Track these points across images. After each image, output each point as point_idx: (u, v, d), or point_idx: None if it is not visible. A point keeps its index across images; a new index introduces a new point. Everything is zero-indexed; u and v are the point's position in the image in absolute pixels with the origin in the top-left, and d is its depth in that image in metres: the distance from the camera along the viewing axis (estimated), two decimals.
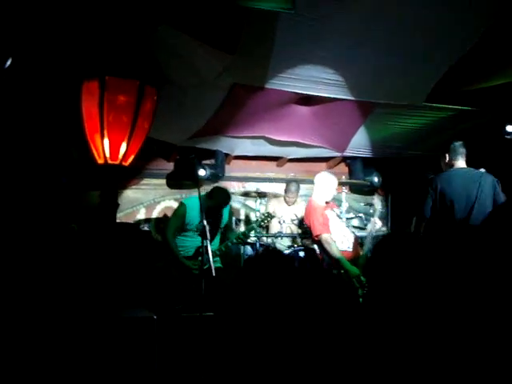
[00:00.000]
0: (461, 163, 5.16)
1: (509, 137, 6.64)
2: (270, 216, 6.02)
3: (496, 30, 4.79)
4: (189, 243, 5.69)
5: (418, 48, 5.14)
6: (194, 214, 5.57)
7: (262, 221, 5.99)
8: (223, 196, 5.77)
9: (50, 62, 4.43)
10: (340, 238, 5.70)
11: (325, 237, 5.55)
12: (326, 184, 5.85)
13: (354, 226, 7.37)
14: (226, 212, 5.90)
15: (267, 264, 6.53)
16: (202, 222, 5.39)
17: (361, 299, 5.19)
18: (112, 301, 4.76)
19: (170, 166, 7.94)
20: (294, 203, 7.58)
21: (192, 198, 5.73)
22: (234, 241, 5.78)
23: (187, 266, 5.54)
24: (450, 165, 5.21)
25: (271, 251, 6.98)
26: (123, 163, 4.51)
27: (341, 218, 6.37)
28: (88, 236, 5.70)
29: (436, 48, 5.14)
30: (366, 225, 6.62)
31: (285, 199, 7.60)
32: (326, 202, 5.89)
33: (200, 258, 5.35)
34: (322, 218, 5.65)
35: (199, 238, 5.27)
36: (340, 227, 5.81)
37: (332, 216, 5.79)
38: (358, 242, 6.01)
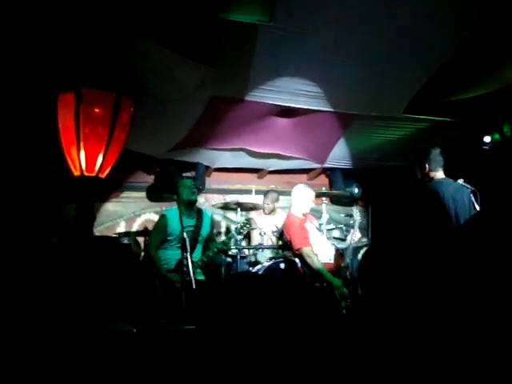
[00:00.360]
0: (441, 174, 5.15)
1: (487, 147, 6.70)
2: (249, 223, 5.99)
3: (472, 42, 4.84)
4: (170, 255, 5.65)
5: (396, 60, 5.18)
6: (174, 225, 5.54)
7: (241, 228, 5.95)
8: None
9: (26, 73, 4.40)
10: (321, 250, 5.71)
11: (306, 250, 5.56)
12: (302, 196, 5.88)
13: (335, 238, 7.39)
14: (206, 221, 5.88)
15: (248, 277, 6.53)
16: (182, 233, 5.41)
17: (344, 311, 5.18)
18: (91, 314, 4.71)
19: (150, 179, 7.90)
20: (271, 213, 7.57)
21: (173, 209, 5.73)
22: (215, 250, 5.74)
23: (169, 279, 5.48)
24: (430, 176, 5.16)
25: (252, 263, 6.97)
26: (100, 175, 4.48)
27: (321, 230, 6.38)
28: (67, 249, 5.65)
29: (414, 60, 5.18)
30: (346, 236, 6.64)
31: (266, 210, 7.59)
32: (304, 215, 5.89)
33: (182, 270, 5.35)
34: (301, 231, 5.65)
35: (180, 250, 5.36)
36: (320, 239, 5.82)
37: (311, 228, 5.80)
38: (339, 253, 6.02)
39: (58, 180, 6.13)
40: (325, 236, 6.11)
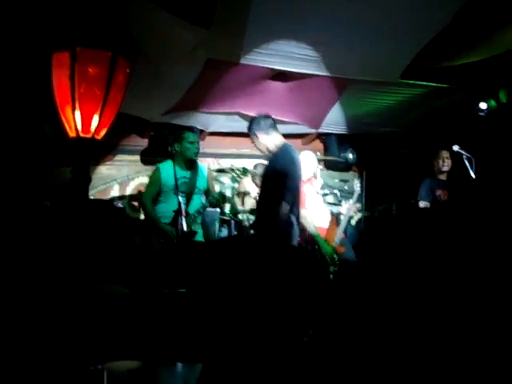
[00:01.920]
0: None
1: (482, 114, 6.70)
2: (245, 171, 5.89)
3: (469, 8, 4.80)
4: (164, 208, 5.53)
5: (393, 25, 5.14)
6: (168, 177, 5.47)
7: (238, 176, 5.87)
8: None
9: (20, 32, 4.34)
10: (317, 215, 5.72)
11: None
12: (304, 163, 5.86)
13: (329, 203, 7.39)
14: (202, 174, 5.75)
15: (242, 240, 6.56)
16: (178, 180, 5.30)
17: (331, 276, 5.23)
18: (86, 277, 4.74)
19: (144, 143, 7.85)
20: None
21: (167, 162, 5.63)
22: (213, 200, 5.60)
23: (166, 232, 5.37)
24: None
25: (246, 228, 7.01)
26: (96, 137, 4.44)
27: (318, 193, 6.40)
28: (61, 212, 5.65)
29: (411, 25, 5.14)
30: (340, 201, 6.66)
31: (254, 182, 7.58)
32: (308, 179, 5.90)
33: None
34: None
35: (175, 201, 5.20)
36: (317, 203, 5.83)
37: (310, 191, 5.80)
38: (334, 218, 6.05)
39: (53, 142, 6.09)
40: (322, 201, 6.11)
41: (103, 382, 3.51)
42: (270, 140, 4.93)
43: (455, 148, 5.84)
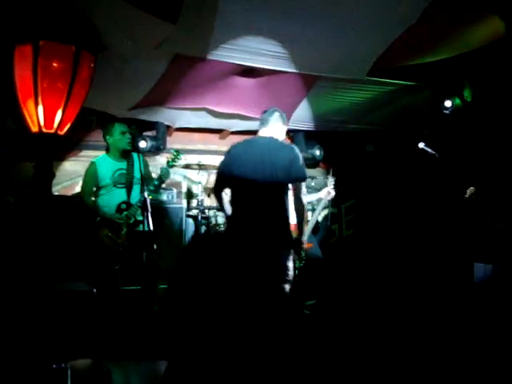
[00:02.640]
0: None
1: (447, 111, 6.79)
2: (179, 154, 5.77)
3: (435, 7, 4.85)
4: (106, 201, 5.41)
5: (360, 22, 5.17)
6: (105, 170, 5.40)
7: (173, 160, 5.74)
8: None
9: None
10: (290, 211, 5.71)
11: None
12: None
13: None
14: (137, 162, 5.46)
15: (209, 236, 6.55)
16: (115, 172, 5.32)
17: (297, 271, 5.23)
18: (50, 274, 4.67)
19: None
20: None
21: (101, 156, 5.58)
22: (152, 188, 5.41)
23: (114, 220, 5.28)
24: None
25: (213, 225, 7.00)
26: (59, 132, 4.36)
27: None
28: (24, 208, 5.56)
29: (378, 23, 5.17)
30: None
31: None
32: None
33: (124, 214, 5.28)
34: None
35: (116, 193, 5.28)
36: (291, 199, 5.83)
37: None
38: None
39: (16, 137, 5.98)
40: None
41: (67, 380, 3.47)
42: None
43: (420, 145, 5.89)
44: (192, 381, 3.38)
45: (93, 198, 5.47)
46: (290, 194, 5.86)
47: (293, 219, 5.72)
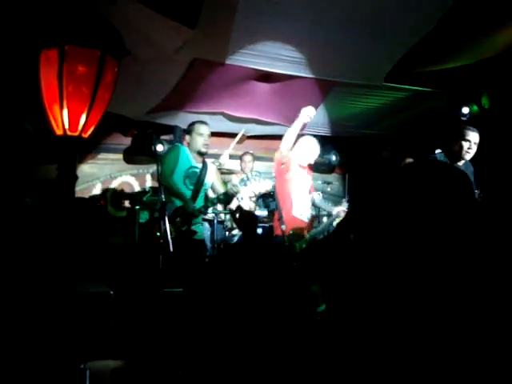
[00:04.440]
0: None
1: (464, 118, 6.78)
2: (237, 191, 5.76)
3: (454, 14, 4.86)
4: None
5: (378, 29, 5.18)
6: (186, 157, 5.43)
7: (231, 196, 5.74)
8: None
9: (8, 28, 4.30)
10: (301, 207, 5.75)
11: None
12: (306, 146, 5.98)
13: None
14: (211, 171, 5.64)
15: (225, 240, 6.57)
16: (190, 168, 5.31)
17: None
18: (67, 277, 4.71)
19: (127, 141, 7.83)
20: (250, 172, 7.62)
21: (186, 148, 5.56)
22: (215, 201, 5.52)
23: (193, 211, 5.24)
24: None
25: (229, 229, 7.01)
26: (82, 135, 4.41)
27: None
28: (42, 210, 5.61)
29: (396, 29, 5.19)
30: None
31: (243, 170, 7.63)
32: (303, 166, 5.95)
33: (178, 220, 5.21)
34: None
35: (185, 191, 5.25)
36: (305, 196, 5.86)
37: (305, 179, 5.84)
38: (314, 217, 6.12)
39: (34, 139, 6.04)
40: (309, 198, 6.09)
41: (86, 381, 3.50)
42: None
43: (437, 152, 5.88)
44: None
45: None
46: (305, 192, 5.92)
47: (303, 217, 5.78)
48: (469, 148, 5.23)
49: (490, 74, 6.20)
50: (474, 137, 5.27)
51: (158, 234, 5.15)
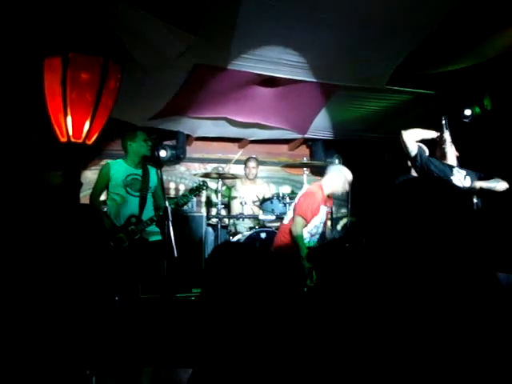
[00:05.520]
0: None
1: (467, 120, 6.78)
2: (205, 185, 5.72)
3: (456, 15, 4.86)
4: (116, 212, 5.27)
5: (379, 32, 5.18)
6: (118, 169, 5.30)
7: (197, 189, 5.70)
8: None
9: (11, 37, 4.33)
10: (314, 234, 5.68)
11: (300, 220, 5.46)
12: (342, 179, 5.76)
13: None
14: (153, 173, 5.48)
15: (230, 245, 6.56)
16: (128, 176, 5.19)
17: (305, 289, 5.19)
18: (72, 282, 4.72)
19: None
20: (254, 178, 7.61)
21: (118, 160, 5.47)
22: (181, 200, 5.42)
23: (116, 234, 5.16)
24: None
25: (232, 233, 7.03)
26: (87, 142, 4.43)
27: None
28: (46, 216, 5.62)
29: (397, 32, 5.19)
30: None
31: (246, 176, 7.61)
32: (329, 196, 5.81)
33: (131, 228, 5.13)
34: (313, 205, 5.55)
35: (129, 203, 5.15)
36: (320, 225, 5.75)
37: (322, 212, 5.70)
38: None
39: (38, 146, 6.06)
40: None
41: None
42: None
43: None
44: None
45: (103, 199, 5.42)
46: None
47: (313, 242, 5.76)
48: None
49: (492, 75, 6.20)
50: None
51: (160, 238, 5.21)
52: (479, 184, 4.88)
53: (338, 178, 5.74)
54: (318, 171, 8.73)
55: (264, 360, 1.84)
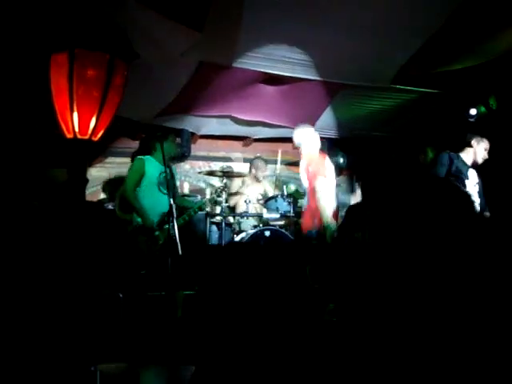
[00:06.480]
0: None
1: (472, 120, 6.76)
2: (226, 187, 5.78)
3: (461, 13, 4.85)
4: (150, 205, 5.35)
5: (384, 30, 5.17)
6: (152, 166, 5.40)
7: (220, 192, 5.78)
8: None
9: (18, 33, 4.33)
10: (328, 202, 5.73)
11: (322, 181, 5.58)
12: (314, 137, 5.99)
13: None
14: (175, 173, 5.73)
15: (233, 244, 6.56)
16: (161, 174, 5.24)
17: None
18: (77, 279, 4.72)
19: (135, 145, 7.82)
20: (262, 178, 7.62)
21: (147, 156, 5.55)
22: (192, 213, 5.61)
23: (154, 232, 5.28)
24: None
25: (237, 231, 7.02)
26: (93, 138, 4.43)
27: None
28: (51, 213, 5.62)
29: (402, 31, 5.18)
30: None
31: (255, 177, 7.60)
32: None
33: (166, 226, 5.09)
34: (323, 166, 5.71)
35: (161, 200, 5.18)
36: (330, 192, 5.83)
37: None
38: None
39: (45, 142, 6.06)
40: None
41: (96, 383, 3.52)
42: None
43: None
44: None
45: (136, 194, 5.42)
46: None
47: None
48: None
49: (497, 74, 6.18)
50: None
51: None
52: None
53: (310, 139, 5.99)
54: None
55: (267, 357, 1.84)
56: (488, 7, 4.82)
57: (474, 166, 5.65)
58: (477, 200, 5.48)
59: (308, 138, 5.97)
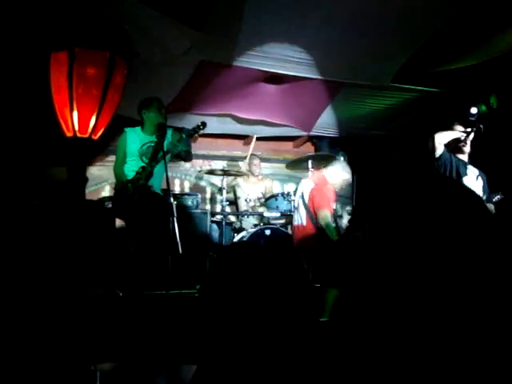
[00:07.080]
0: None
1: (473, 118, 6.73)
2: (202, 125, 5.60)
3: (462, 12, 4.85)
4: (129, 171, 5.18)
5: (385, 29, 5.18)
6: (134, 139, 5.23)
7: (194, 130, 5.56)
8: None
9: (18, 32, 4.33)
10: None
11: (328, 212, 5.39)
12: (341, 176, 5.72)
13: None
14: (168, 136, 5.27)
15: (233, 243, 6.56)
16: (144, 145, 5.09)
17: None
18: (77, 278, 4.72)
19: None
20: (259, 175, 7.62)
21: (134, 127, 5.35)
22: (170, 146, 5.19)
23: (127, 187, 5.05)
24: None
25: (237, 229, 7.02)
26: (92, 137, 4.43)
27: None
28: (50, 212, 5.61)
29: (403, 30, 5.18)
30: None
31: (252, 173, 7.61)
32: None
33: (137, 176, 4.98)
34: (332, 195, 5.52)
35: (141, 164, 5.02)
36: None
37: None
38: None
39: (45, 141, 6.05)
40: None
41: (96, 382, 3.51)
42: None
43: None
44: None
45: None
46: None
47: None
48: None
49: (498, 73, 6.17)
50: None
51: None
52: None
53: (341, 171, 5.70)
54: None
55: (269, 357, 1.83)
56: (489, 6, 4.83)
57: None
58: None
59: (339, 174, 5.74)
